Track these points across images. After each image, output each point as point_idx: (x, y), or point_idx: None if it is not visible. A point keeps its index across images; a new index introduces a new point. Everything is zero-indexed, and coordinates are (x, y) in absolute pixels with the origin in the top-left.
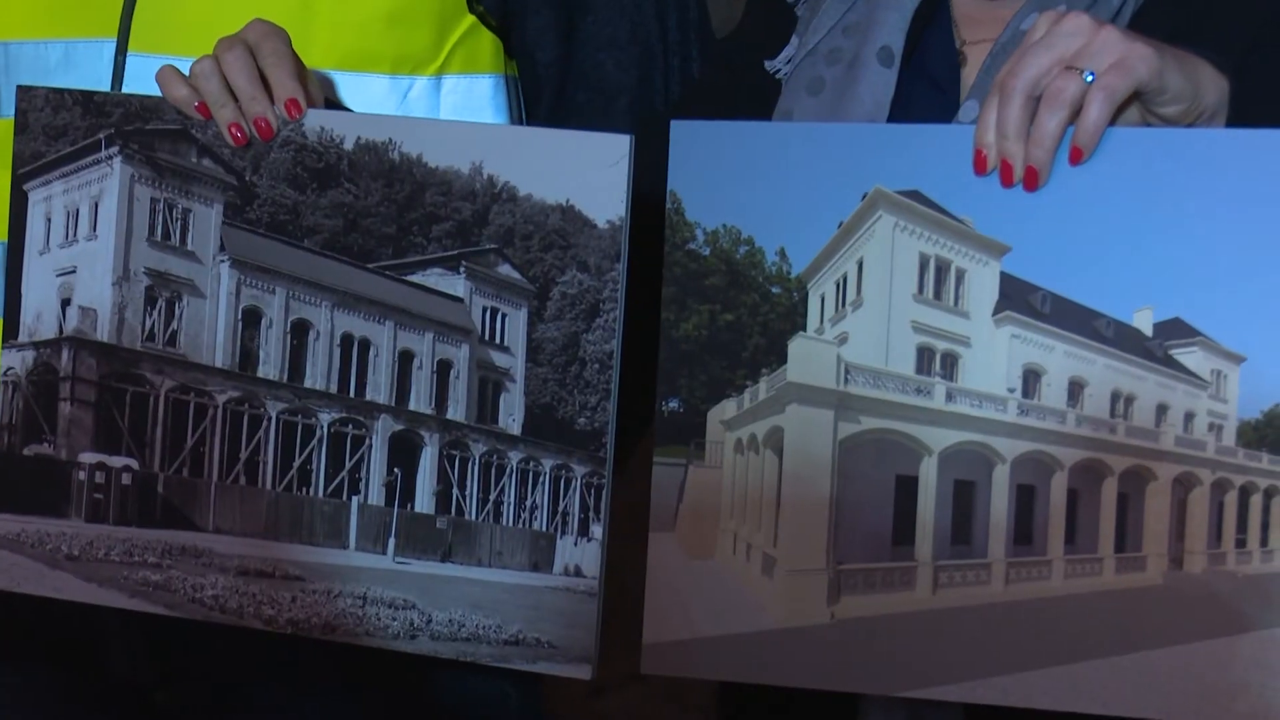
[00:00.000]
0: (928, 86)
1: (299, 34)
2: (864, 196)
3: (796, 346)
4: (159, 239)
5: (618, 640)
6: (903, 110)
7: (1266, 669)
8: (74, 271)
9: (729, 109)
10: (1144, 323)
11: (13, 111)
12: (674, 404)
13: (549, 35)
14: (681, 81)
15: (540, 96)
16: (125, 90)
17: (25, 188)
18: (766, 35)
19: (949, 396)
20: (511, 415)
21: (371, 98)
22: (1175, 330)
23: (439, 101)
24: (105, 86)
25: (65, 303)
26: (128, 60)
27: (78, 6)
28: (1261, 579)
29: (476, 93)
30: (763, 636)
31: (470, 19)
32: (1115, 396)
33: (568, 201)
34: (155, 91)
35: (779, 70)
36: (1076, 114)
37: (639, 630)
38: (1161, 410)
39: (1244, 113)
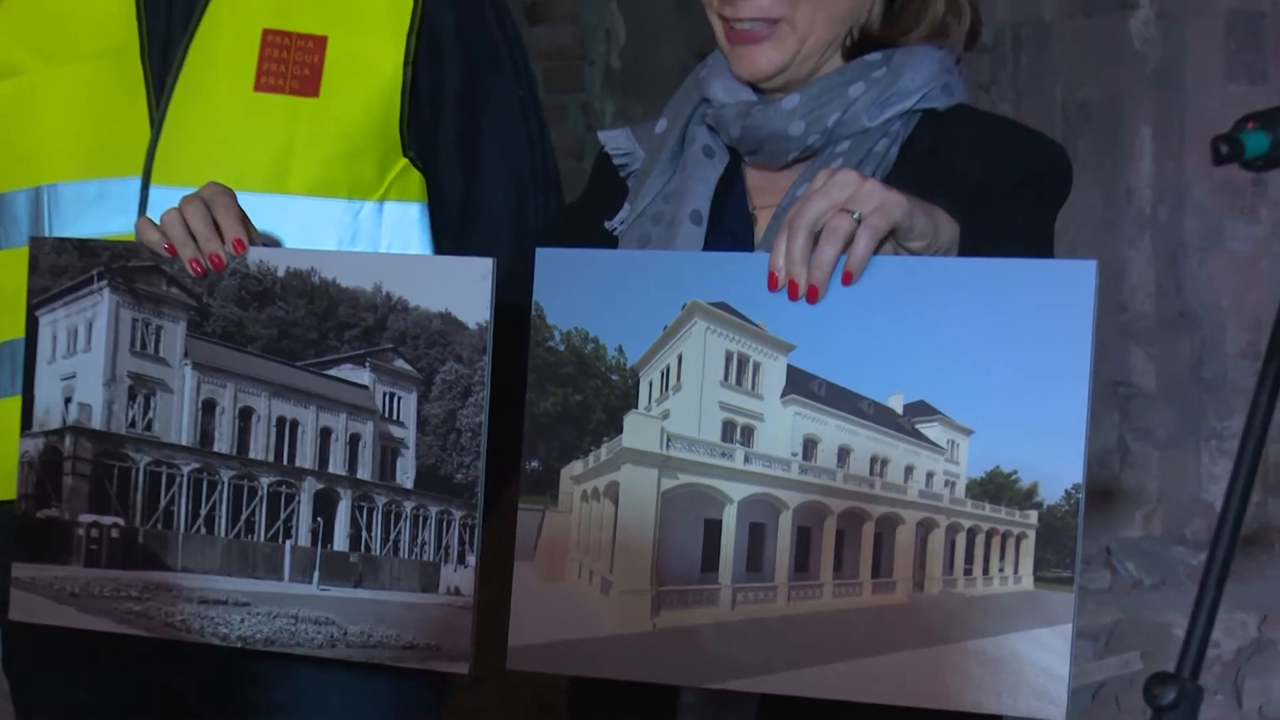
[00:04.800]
0: (729, 241)
1: (281, 169)
2: (683, 307)
3: (630, 420)
4: (138, 349)
5: (491, 645)
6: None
7: (981, 662)
8: (74, 376)
9: None
10: (896, 404)
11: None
12: (535, 464)
13: (456, 178)
14: (544, 215)
15: (446, 225)
16: (149, 214)
17: (36, 314)
18: (606, 200)
19: (746, 459)
20: (406, 474)
21: (334, 216)
22: (920, 410)
23: (381, 221)
24: (133, 214)
25: (67, 400)
26: (150, 192)
27: (110, 152)
28: (982, 599)
29: (409, 216)
30: (601, 641)
31: (404, 160)
32: (874, 459)
33: (446, 310)
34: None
35: (615, 228)
36: (848, 245)
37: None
38: (909, 470)
39: (967, 251)
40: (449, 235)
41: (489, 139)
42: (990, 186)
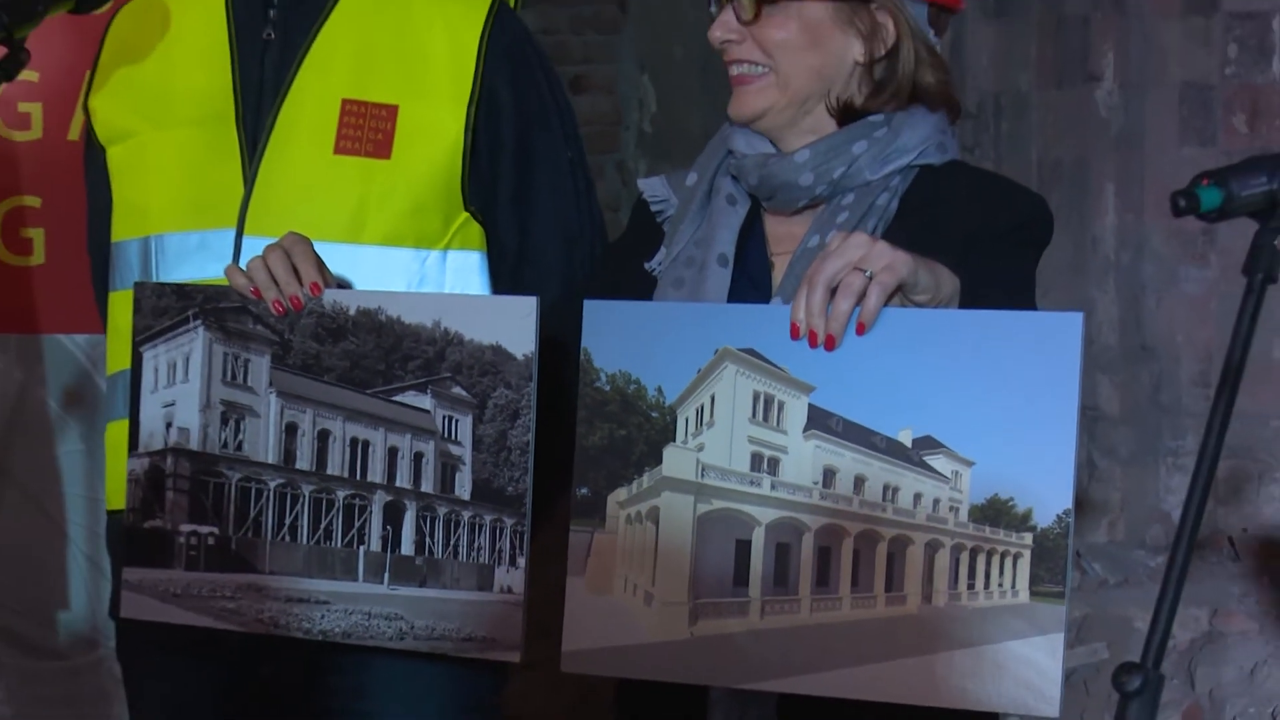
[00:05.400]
0: (749, 285)
1: (357, 222)
2: (715, 352)
3: (669, 452)
4: (229, 380)
5: (538, 636)
6: (733, 302)
7: (982, 665)
8: (174, 404)
9: (621, 296)
10: (906, 439)
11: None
12: (585, 491)
13: (512, 230)
14: (590, 262)
15: (503, 272)
16: (242, 262)
17: (140, 350)
18: (644, 244)
19: (772, 486)
20: (464, 487)
21: (403, 264)
22: (927, 444)
23: (445, 268)
24: (228, 261)
25: (168, 425)
26: (244, 241)
27: (209, 207)
28: (983, 610)
29: (469, 263)
30: (644, 647)
31: (465, 214)
32: (886, 487)
33: (496, 342)
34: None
35: (654, 269)
36: (861, 299)
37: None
38: (917, 497)
39: (965, 294)
40: (505, 281)
41: (541, 195)
42: (981, 233)
